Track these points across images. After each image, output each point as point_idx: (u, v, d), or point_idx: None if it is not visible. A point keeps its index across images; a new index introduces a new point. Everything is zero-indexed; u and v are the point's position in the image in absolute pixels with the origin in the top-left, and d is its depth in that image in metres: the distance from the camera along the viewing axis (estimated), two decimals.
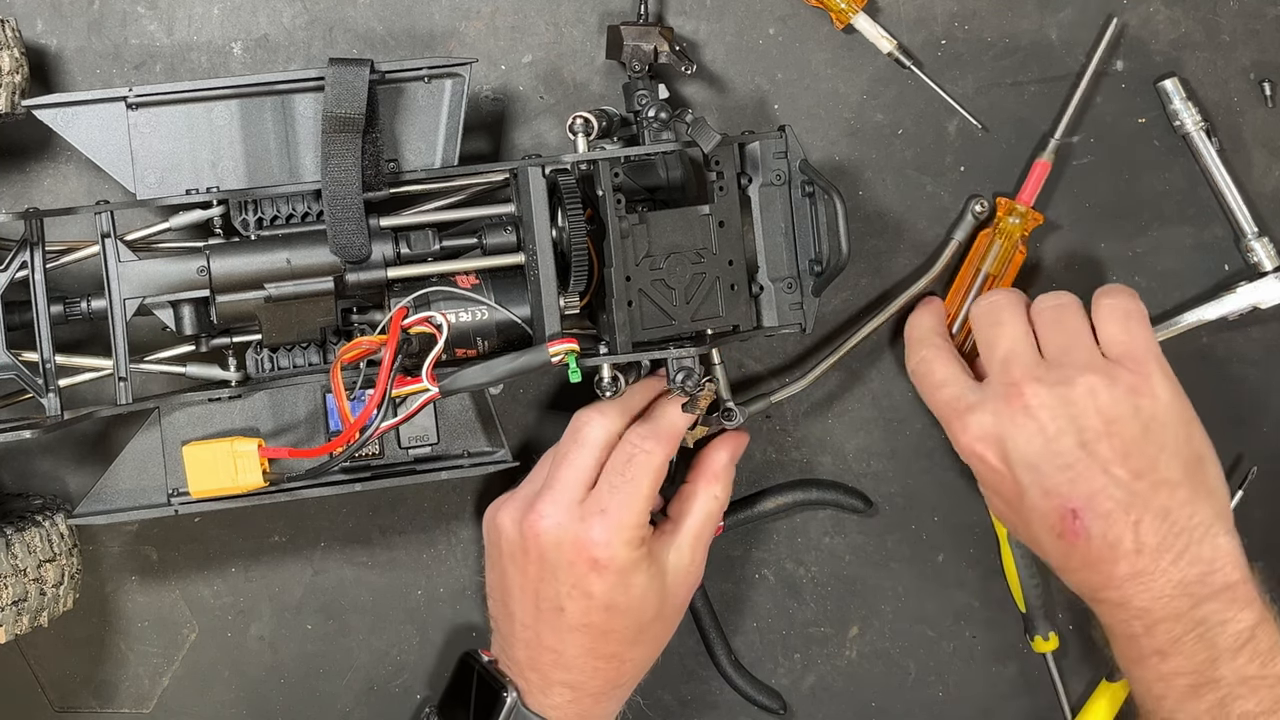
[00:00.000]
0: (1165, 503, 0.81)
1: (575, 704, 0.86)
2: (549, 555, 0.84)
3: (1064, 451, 0.82)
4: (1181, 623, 0.81)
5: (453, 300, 0.84)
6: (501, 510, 0.87)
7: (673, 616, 0.88)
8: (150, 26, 0.91)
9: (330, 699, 0.97)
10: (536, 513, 0.84)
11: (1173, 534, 0.81)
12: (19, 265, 0.81)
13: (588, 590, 0.83)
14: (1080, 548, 0.82)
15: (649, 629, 0.86)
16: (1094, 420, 0.82)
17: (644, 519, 0.84)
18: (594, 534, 0.83)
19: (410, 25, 0.93)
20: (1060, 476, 0.82)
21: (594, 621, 0.84)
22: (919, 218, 0.97)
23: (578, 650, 0.85)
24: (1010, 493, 0.85)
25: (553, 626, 0.85)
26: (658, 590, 0.85)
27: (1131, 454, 0.82)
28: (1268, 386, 1.01)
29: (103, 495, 0.85)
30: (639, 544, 0.84)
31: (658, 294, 0.84)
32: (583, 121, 0.85)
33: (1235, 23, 0.98)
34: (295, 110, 0.85)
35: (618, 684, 0.87)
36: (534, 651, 0.86)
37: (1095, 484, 0.81)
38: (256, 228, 0.84)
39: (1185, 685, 0.81)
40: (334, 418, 0.86)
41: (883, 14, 0.96)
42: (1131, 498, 0.81)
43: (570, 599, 0.83)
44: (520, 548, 0.85)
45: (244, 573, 0.96)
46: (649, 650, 0.88)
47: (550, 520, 0.84)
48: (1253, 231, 0.98)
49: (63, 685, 0.95)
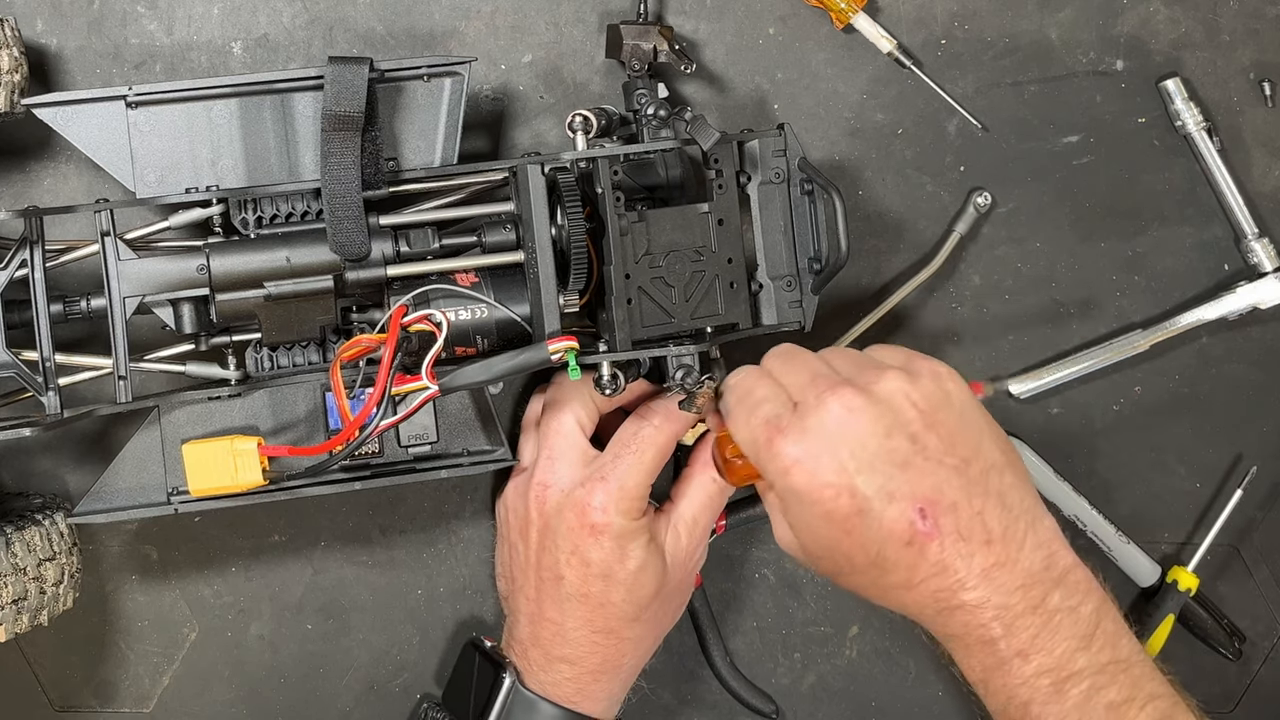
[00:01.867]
0: (999, 487, 0.77)
1: (574, 681, 0.87)
2: (551, 521, 0.86)
3: (898, 449, 0.76)
4: (1039, 615, 0.76)
5: (452, 298, 0.84)
6: (510, 489, 0.90)
7: (671, 601, 0.89)
8: (150, 26, 0.91)
9: (330, 699, 0.97)
10: (540, 484, 0.87)
11: (1013, 519, 0.77)
12: (19, 264, 0.81)
13: (586, 557, 0.85)
14: (933, 550, 0.75)
15: (647, 607, 0.87)
16: (913, 414, 0.76)
17: (643, 490, 0.86)
18: (593, 499, 0.85)
19: (410, 24, 0.93)
20: (901, 476, 0.75)
21: (592, 591, 0.85)
22: (919, 217, 0.97)
23: (576, 622, 0.86)
24: (846, 511, 0.76)
25: (553, 597, 0.86)
26: (655, 567, 0.86)
27: (957, 442, 0.77)
28: (1268, 386, 1.01)
29: (102, 494, 0.84)
30: (637, 514, 0.86)
31: (657, 292, 0.84)
32: (582, 120, 0.85)
33: (1235, 23, 0.98)
34: (295, 109, 0.85)
35: (617, 664, 0.87)
36: (536, 626, 0.87)
37: (936, 477, 0.76)
38: (256, 226, 0.84)
39: (1049, 685, 0.77)
40: (334, 416, 0.86)
41: (883, 14, 0.96)
42: (970, 486, 0.76)
43: (569, 566, 0.85)
44: (526, 518, 0.88)
45: (244, 572, 0.96)
46: (647, 631, 0.88)
47: (553, 489, 0.87)
48: (1253, 232, 0.98)
49: (63, 685, 0.95)
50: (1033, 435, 0.99)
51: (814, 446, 0.76)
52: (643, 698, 0.97)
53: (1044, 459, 0.99)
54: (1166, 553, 1.01)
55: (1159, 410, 1.01)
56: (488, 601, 0.97)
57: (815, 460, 0.75)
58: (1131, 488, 1.01)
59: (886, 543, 0.75)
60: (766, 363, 0.81)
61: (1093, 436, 1.00)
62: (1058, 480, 0.99)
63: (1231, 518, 0.99)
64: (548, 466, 0.88)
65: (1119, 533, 0.99)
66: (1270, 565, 1.02)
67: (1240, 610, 1.02)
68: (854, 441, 0.75)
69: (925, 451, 0.76)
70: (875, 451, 0.75)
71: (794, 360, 0.80)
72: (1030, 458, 0.98)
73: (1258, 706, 1.03)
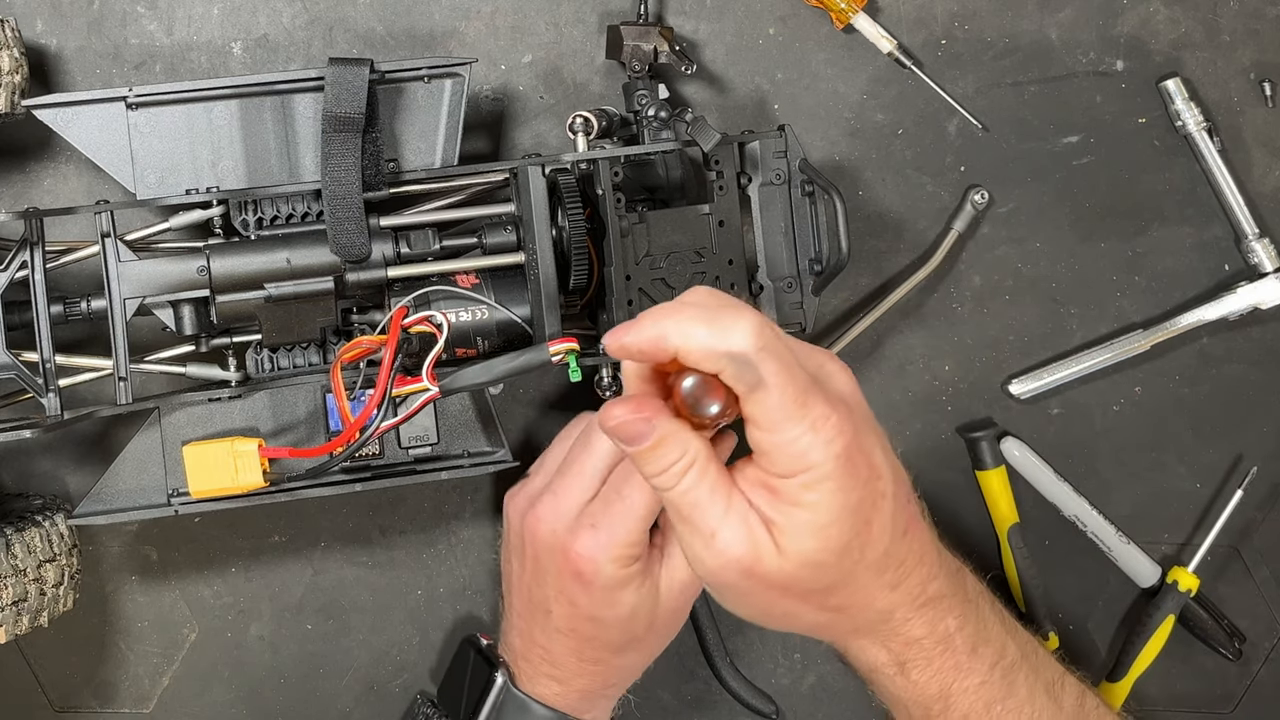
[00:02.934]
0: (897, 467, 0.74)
1: (563, 697, 0.85)
2: (541, 558, 0.83)
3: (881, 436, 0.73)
4: (970, 603, 0.76)
5: (453, 300, 0.84)
6: (512, 501, 0.87)
7: (666, 628, 0.86)
8: (150, 26, 0.91)
9: (330, 699, 0.97)
10: (535, 515, 0.83)
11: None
12: (19, 265, 0.81)
13: (573, 599, 0.82)
14: (917, 537, 0.74)
15: (639, 639, 0.85)
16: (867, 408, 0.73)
17: (637, 537, 0.81)
18: (581, 548, 0.81)
19: (410, 25, 0.93)
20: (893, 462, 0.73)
21: (579, 628, 0.83)
22: (919, 217, 0.97)
23: (564, 651, 0.84)
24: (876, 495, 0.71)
25: (541, 626, 0.84)
26: (649, 607, 0.83)
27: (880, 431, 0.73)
28: (1268, 386, 1.01)
29: (103, 495, 0.84)
30: (628, 562, 0.81)
31: (657, 293, 0.84)
32: (582, 121, 0.85)
33: (1235, 23, 0.98)
34: (295, 110, 0.85)
35: (606, 684, 0.87)
36: (526, 644, 0.86)
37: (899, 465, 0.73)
38: (256, 227, 0.84)
39: (1000, 679, 0.76)
40: (334, 418, 0.86)
41: (883, 14, 0.96)
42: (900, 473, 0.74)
43: (557, 604, 0.83)
44: (520, 543, 0.85)
45: (244, 573, 0.96)
46: (639, 657, 0.87)
47: (546, 525, 0.82)
48: (1253, 232, 0.98)
49: (63, 685, 0.95)
50: (1033, 435, 0.99)
51: (855, 417, 0.69)
52: (643, 698, 0.97)
53: (1044, 459, 0.99)
54: (1167, 553, 1.01)
55: (1159, 410, 1.01)
56: (488, 602, 0.97)
57: (858, 435, 0.69)
58: (1131, 488, 1.01)
59: (893, 532, 0.72)
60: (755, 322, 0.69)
61: (1093, 436, 1.00)
62: (1058, 480, 0.99)
63: (1232, 518, 0.99)
64: (549, 500, 0.83)
65: (1119, 533, 0.99)
66: (1270, 565, 1.02)
67: (1240, 610, 1.02)
68: (874, 434, 0.71)
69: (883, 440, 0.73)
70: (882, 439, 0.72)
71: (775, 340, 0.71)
72: (1030, 458, 0.98)
73: (1258, 707, 1.03)
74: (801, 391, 0.67)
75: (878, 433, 0.72)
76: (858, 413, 0.71)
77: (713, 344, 0.66)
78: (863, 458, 0.69)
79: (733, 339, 0.66)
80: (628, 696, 0.91)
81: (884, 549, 0.72)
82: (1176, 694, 1.03)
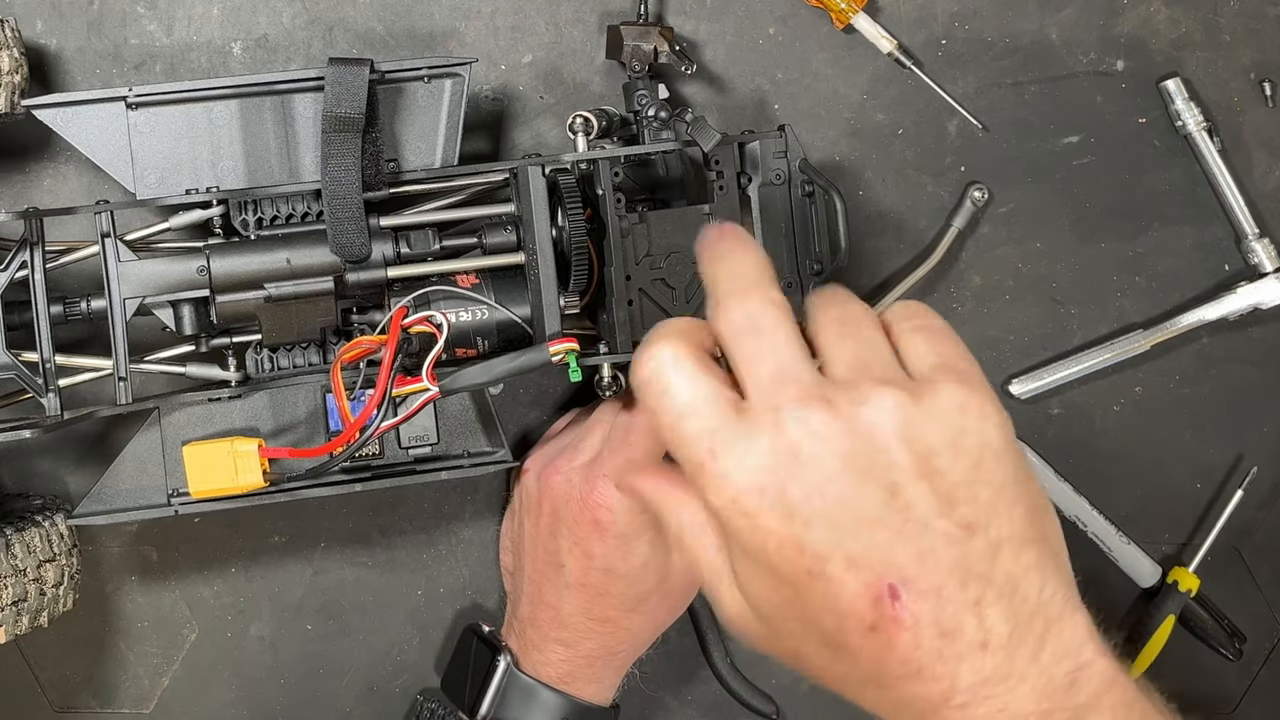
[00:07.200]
0: (1012, 569, 0.58)
1: (568, 663, 0.86)
2: (559, 510, 0.85)
3: (870, 500, 0.58)
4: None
5: (453, 300, 0.84)
6: (528, 463, 0.89)
7: (675, 595, 0.87)
8: (150, 26, 0.91)
9: (330, 699, 0.97)
10: (554, 467, 0.85)
11: (1026, 616, 0.58)
12: (19, 265, 0.81)
13: (588, 550, 0.83)
14: (903, 644, 0.58)
15: (647, 599, 0.85)
16: (903, 455, 0.58)
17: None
18: (600, 495, 0.83)
19: (410, 25, 0.93)
20: (869, 536, 0.58)
21: (591, 582, 0.84)
22: (919, 218, 0.97)
23: (574, 608, 0.85)
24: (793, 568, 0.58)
25: (553, 582, 0.85)
26: (659, 563, 0.84)
27: (959, 500, 0.58)
28: (1268, 386, 1.01)
29: (103, 495, 0.84)
30: (644, 511, 0.82)
31: (658, 293, 0.84)
32: (582, 121, 0.85)
33: (1235, 23, 0.98)
34: (295, 110, 0.85)
35: (612, 650, 0.87)
36: (535, 607, 0.86)
37: (919, 544, 0.58)
38: (256, 228, 0.84)
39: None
40: (334, 418, 0.86)
41: (883, 14, 0.96)
42: (967, 563, 0.58)
43: (571, 556, 0.84)
44: (536, 500, 0.86)
45: (244, 573, 0.96)
46: (646, 622, 0.87)
47: (562, 476, 0.85)
48: (1253, 232, 0.98)
49: (63, 685, 0.95)
50: (1033, 435, 0.99)
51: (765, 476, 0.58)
52: (643, 698, 0.97)
53: (1044, 459, 0.99)
54: (1167, 553, 1.01)
55: (1159, 410, 1.01)
56: (488, 602, 0.97)
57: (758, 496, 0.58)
58: (1131, 488, 1.01)
59: (845, 621, 0.58)
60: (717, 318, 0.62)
61: (1093, 436, 1.00)
62: (1058, 480, 0.99)
63: (1232, 518, 0.99)
64: (570, 453, 0.85)
65: (1119, 533, 0.99)
66: (1271, 565, 1.02)
67: (1241, 611, 1.02)
68: (810, 481, 0.58)
69: (909, 509, 0.58)
70: (837, 499, 0.58)
71: (760, 331, 0.61)
72: (1030, 458, 0.98)
73: (1258, 707, 1.03)
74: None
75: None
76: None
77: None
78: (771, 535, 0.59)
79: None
80: (633, 671, 0.91)
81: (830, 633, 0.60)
82: (1176, 694, 1.02)
